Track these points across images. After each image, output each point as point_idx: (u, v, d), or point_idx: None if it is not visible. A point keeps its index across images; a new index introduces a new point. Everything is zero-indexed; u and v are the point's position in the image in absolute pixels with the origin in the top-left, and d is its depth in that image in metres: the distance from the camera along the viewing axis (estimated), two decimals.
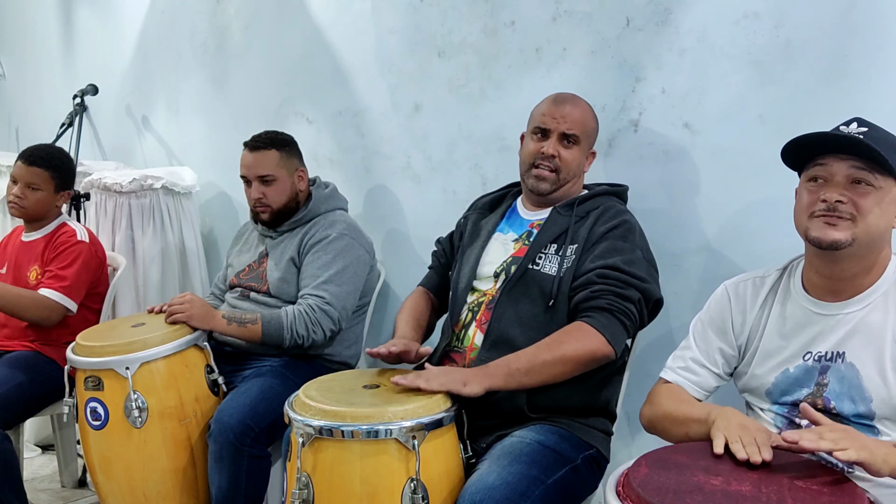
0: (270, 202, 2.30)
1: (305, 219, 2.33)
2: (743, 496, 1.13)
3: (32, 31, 4.55)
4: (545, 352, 1.65)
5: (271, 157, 2.30)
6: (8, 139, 4.84)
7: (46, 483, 2.86)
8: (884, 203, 1.34)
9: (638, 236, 1.78)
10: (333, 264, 2.21)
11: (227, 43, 3.21)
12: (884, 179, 1.33)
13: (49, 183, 2.55)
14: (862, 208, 1.33)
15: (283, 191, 2.31)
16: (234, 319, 2.15)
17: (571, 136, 1.83)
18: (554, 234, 1.81)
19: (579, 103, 1.87)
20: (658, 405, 1.52)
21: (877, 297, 1.37)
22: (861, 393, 1.34)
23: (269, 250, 2.36)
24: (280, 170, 2.30)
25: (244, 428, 1.94)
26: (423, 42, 2.49)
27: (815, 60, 1.73)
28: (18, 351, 2.45)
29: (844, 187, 1.34)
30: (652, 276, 1.76)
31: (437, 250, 2.12)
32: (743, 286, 1.54)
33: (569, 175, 1.86)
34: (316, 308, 2.15)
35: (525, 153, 1.89)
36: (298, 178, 2.35)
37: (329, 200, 2.39)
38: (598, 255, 1.73)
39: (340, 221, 2.32)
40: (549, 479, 1.55)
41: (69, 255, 2.47)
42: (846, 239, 1.34)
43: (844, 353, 1.37)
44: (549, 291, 1.74)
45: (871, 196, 1.33)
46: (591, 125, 1.89)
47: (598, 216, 1.80)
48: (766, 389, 1.46)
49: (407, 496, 1.48)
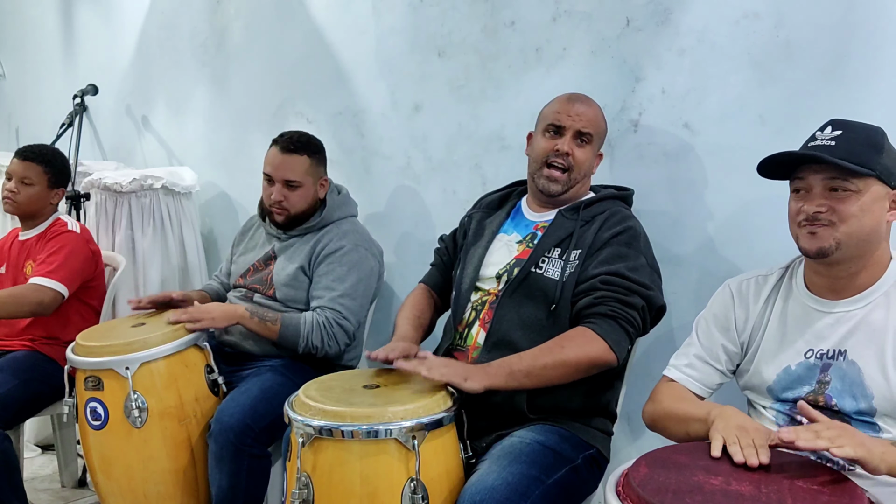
0: (290, 206, 2.27)
1: (318, 226, 2.31)
2: (742, 496, 1.13)
3: (32, 32, 4.55)
4: (547, 355, 1.64)
5: (302, 163, 2.25)
6: (8, 139, 4.84)
7: (46, 483, 2.86)
8: (865, 204, 1.35)
9: (643, 243, 1.77)
10: (348, 277, 2.21)
11: (228, 43, 3.21)
12: (861, 182, 1.34)
13: (42, 178, 2.56)
14: (842, 213, 1.35)
15: (305, 198, 2.28)
16: (257, 314, 2.15)
17: (586, 134, 1.83)
18: (558, 238, 1.80)
19: (592, 104, 1.88)
20: (659, 403, 1.53)
21: (878, 296, 1.38)
22: (863, 390, 1.35)
23: (276, 253, 2.33)
24: (307, 177, 2.26)
25: (244, 428, 1.95)
26: (423, 42, 2.49)
27: (815, 60, 1.73)
28: (18, 351, 2.46)
29: (823, 196, 1.37)
30: (655, 284, 1.75)
31: (440, 247, 2.11)
32: (746, 284, 1.55)
33: (580, 175, 1.85)
34: (333, 322, 2.15)
35: (537, 150, 1.87)
36: (321, 186, 2.32)
37: (342, 208, 2.36)
38: (602, 260, 1.73)
39: (353, 232, 2.29)
40: (549, 479, 1.55)
41: (57, 243, 2.49)
42: (830, 246, 1.36)
43: (846, 350, 1.38)
44: (552, 296, 1.74)
45: (849, 200, 1.35)
46: (603, 126, 1.90)
47: (603, 221, 1.79)
48: (768, 387, 1.46)
49: (407, 496, 1.48)
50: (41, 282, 2.40)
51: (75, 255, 2.49)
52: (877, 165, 1.34)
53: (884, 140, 1.37)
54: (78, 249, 2.51)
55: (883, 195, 1.36)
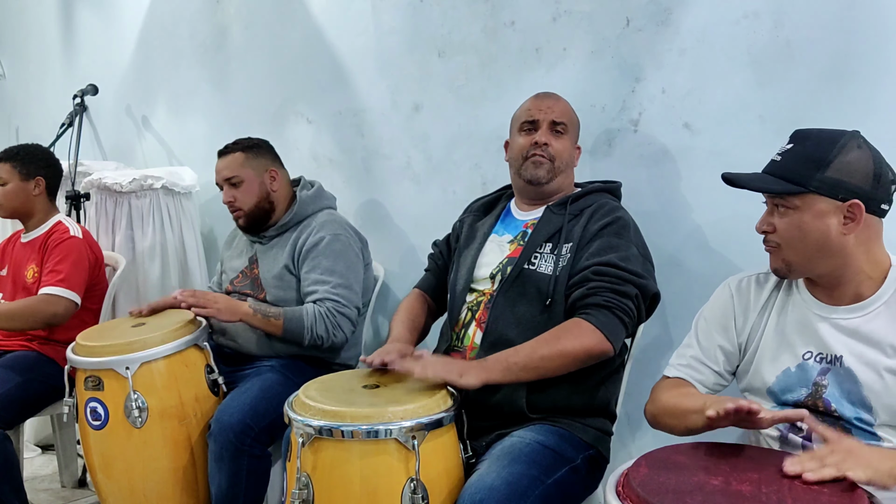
0: (240, 205, 2.30)
1: (293, 222, 2.32)
2: (742, 496, 1.13)
3: (33, 32, 4.55)
4: (543, 347, 1.64)
5: (236, 159, 2.31)
6: (8, 139, 4.84)
7: (47, 483, 2.86)
8: (806, 220, 1.34)
9: (633, 232, 1.78)
10: (336, 267, 2.21)
11: (228, 43, 3.21)
12: (798, 199, 1.34)
13: (12, 173, 2.57)
14: (783, 234, 1.38)
15: (251, 192, 2.30)
16: (260, 311, 2.16)
17: (560, 124, 1.86)
18: (548, 233, 1.81)
19: (560, 98, 1.92)
20: (659, 400, 1.53)
21: (878, 306, 1.36)
22: (861, 399, 1.34)
23: (258, 256, 2.35)
24: (245, 170, 2.30)
25: (244, 427, 1.95)
26: (423, 42, 2.49)
27: (815, 60, 1.73)
28: (18, 351, 2.46)
29: (771, 213, 1.40)
30: (648, 272, 1.75)
31: (434, 252, 2.12)
32: (746, 283, 1.54)
33: (562, 165, 1.87)
34: (335, 312, 2.16)
35: (516, 149, 1.90)
36: (270, 178, 2.32)
37: (315, 201, 2.37)
38: (594, 252, 1.73)
39: (330, 222, 2.30)
40: (548, 479, 1.55)
41: (63, 250, 2.49)
42: (781, 267, 1.41)
43: (842, 357, 1.37)
44: (546, 291, 1.74)
45: (788, 218, 1.36)
46: (575, 118, 1.93)
47: (591, 213, 1.80)
48: (768, 388, 1.46)
49: (407, 496, 1.48)
50: (54, 291, 2.41)
51: (81, 262, 2.51)
52: (812, 182, 1.32)
53: (832, 153, 1.33)
54: (83, 255, 2.52)
55: (828, 209, 1.33)
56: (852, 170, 1.33)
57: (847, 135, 1.35)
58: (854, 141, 1.34)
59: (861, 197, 1.32)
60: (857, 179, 1.32)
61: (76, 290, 2.45)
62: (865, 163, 1.33)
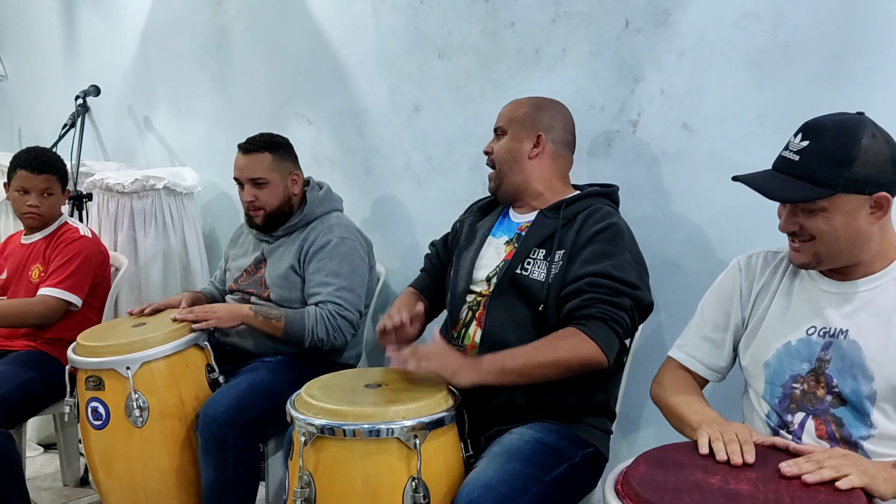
0: (263, 204, 2.30)
1: (302, 223, 2.33)
2: (741, 495, 1.14)
3: (35, 32, 4.55)
4: (540, 354, 1.64)
5: (264, 161, 2.29)
6: (10, 140, 4.85)
7: (49, 482, 2.87)
8: (836, 219, 1.34)
9: (626, 239, 1.76)
10: (341, 270, 2.22)
11: (229, 43, 3.22)
12: (825, 201, 1.33)
13: (58, 186, 2.57)
14: (814, 230, 1.36)
15: (275, 194, 2.30)
16: (261, 313, 2.17)
17: (498, 128, 1.93)
18: (540, 238, 1.80)
19: (511, 102, 1.97)
20: (664, 390, 1.54)
21: (888, 279, 1.38)
22: (863, 371, 1.34)
23: (266, 255, 2.35)
24: (272, 173, 2.29)
25: (228, 419, 1.95)
26: (423, 42, 2.50)
27: (814, 61, 1.74)
28: (21, 350, 2.46)
29: (792, 213, 1.39)
30: (642, 281, 1.74)
31: (431, 253, 2.12)
32: (755, 258, 1.55)
33: (504, 164, 1.90)
34: (336, 315, 2.17)
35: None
36: (292, 181, 2.33)
37: (324, 203, 2.38)
38: (587, 259, 1.72)
39: (338, 225, 2.31)
40: (546, 476, 1.56)
41: (71, 251, 2.49)
42: (810, 261, 1.40)
43: (848, 330, 1.37)
44: (539, 297, 1.73)
45: (817, 217, 1.35)
46: (520, 112, 1.91)
47: (584, 219, 1.78)
48: (766, 361, 1.46)
49: (408, 495, 1.49)
50: (52, 293, 2.42)
51: (89, 262, 2.51)
52: (840, 182, 1.31)
53: (855, 149, 1.31)
54: (91, 256, 2.53)
55: (857, 205, 1.33)
56: (875, 162, 1.32)
57: (860, 124, 1.34)
58: (868, 130, 1.33)
59: (886, 188, 1.32)
60: (880, 170, 1.32)
61: (77, 293, 2.45)
62: (883, 151, 1.33)
